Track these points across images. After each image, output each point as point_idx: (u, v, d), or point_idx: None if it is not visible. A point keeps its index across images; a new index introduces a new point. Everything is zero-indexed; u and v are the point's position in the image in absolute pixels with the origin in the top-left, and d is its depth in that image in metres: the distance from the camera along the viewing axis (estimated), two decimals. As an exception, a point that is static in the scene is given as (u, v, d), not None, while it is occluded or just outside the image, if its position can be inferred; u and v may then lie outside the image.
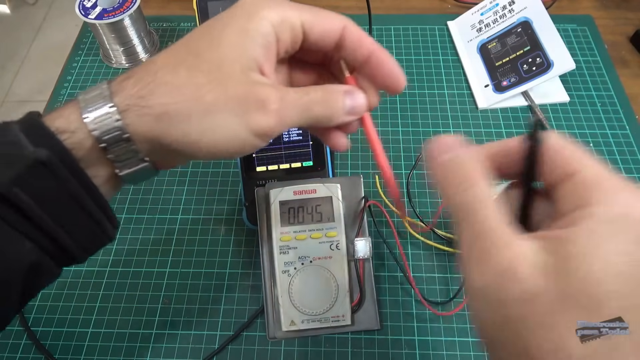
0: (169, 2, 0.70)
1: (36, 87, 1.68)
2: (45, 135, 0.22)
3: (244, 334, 0.42)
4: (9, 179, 0.21)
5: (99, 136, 0.23)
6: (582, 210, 0.19)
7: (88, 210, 0.24)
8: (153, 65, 0.24)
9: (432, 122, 0.55)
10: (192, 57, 0.24)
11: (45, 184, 0.22)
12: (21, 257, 0.22)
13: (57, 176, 0.22)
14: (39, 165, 0.21)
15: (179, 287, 0.44)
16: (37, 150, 0.21)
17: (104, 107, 0.23)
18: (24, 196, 0.21)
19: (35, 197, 0.22)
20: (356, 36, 0.26)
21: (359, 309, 0.41)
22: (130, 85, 0.24)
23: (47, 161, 0.21)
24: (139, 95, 0.23)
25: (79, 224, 0.24)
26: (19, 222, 0.22)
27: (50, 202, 0.22)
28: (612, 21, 0.65)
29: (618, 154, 0.51)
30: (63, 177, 0.22)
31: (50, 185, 0.22)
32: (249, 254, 0.46)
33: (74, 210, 0.23)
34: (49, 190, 0.22)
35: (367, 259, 0.42)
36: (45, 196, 0.22)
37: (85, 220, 0.24)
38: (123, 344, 0.41)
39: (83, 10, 0.57)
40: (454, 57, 0.61)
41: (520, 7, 0.58)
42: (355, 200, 0.44)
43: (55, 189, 0.22)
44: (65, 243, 0.24)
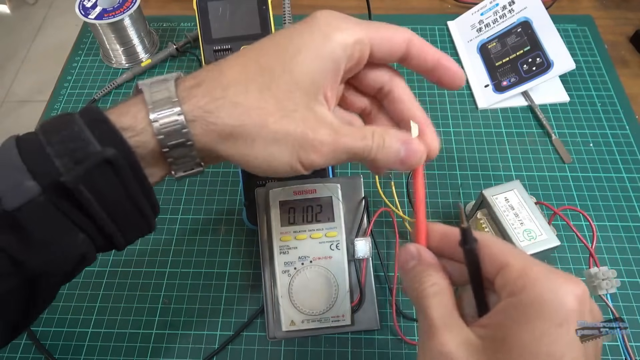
0: (169, 2, 0.70)
1: (36, 87, 1.68)
2: (111, 132, 0.23)
3: (244, 334, 0.42)
4: (76, 176, 0.22)
5: (164, 140, 0.24)
6: (511, 298, 0.22)
7: (140, 208, 0.24)
8: (223, 77, 0.25)
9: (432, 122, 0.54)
10: (264, 78, 0.24)
11: (108, 182, 0.23)
12: (75, 248, 0.23)
13: (120, 176, 0.23)
14: (105, 165, 0.22)
15: (179, 287, 0.44)
16: (106, 150, 0.22)
17: (173, 114, 0.23)
18: (87, 193, 0.22)
19: (97, 194, 0.22)
20: (421, 49, 0.27)
21: (359, 309, 0.41)
22: (199, 94, 0.24)
23: (114, 161, 0.22)
24: (208, 109, 0.24)
25: (130, 220, 0.25)
26: (77, 216, 0.23)
27: (109, 199, 0.23)
28: (612, 21, 0.65)
29: (618, 154, 0.51)
30: (126, 177, 0.23)
31: (112, 183, 0.23)
32: (249, 254, 0.46)
33: (128, 207, 0.24)
34: (110, 189, 0.23)
35: (367, 259, 0.42)
36: (105, 194, 0.23)
37: (136, 217, 0.25)
38: (123, 344, 0.41)
39: (83, 10, 0.57)
40: (454, 57, 0.61)
41: (520, 7, 0.58)
42: (355, 200, 0.44)
43: (115, 188, 0.23)
44: (114, 235, 0.24)
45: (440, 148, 0.51)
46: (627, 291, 0.43)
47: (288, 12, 0.54)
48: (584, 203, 0.48)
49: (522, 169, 0.51)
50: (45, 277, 0.24)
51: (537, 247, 0.37)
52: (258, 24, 0.56)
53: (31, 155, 0.22)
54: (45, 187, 0.22)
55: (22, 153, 0.22)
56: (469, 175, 0.50)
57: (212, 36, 0.56)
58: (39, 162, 0.22)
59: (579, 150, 0.52)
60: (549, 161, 0.51)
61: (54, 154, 0.22)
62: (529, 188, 0.49)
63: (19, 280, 0.23)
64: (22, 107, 1.64)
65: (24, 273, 0.23)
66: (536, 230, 0.38)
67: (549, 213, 0.41)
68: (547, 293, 0.21)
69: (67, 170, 0.22)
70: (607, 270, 0.35)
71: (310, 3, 0.69)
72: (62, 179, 0.21)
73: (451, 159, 0.52)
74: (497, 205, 0.39)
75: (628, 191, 0.49)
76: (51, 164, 0.22)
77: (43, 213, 0.22)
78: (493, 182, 0.50)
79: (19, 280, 0.23)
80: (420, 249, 0.26)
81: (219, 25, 0.56)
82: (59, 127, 0.23)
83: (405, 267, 0.26)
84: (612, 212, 0.47)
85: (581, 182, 0.49)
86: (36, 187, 0.22)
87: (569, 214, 0.46)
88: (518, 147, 0.52)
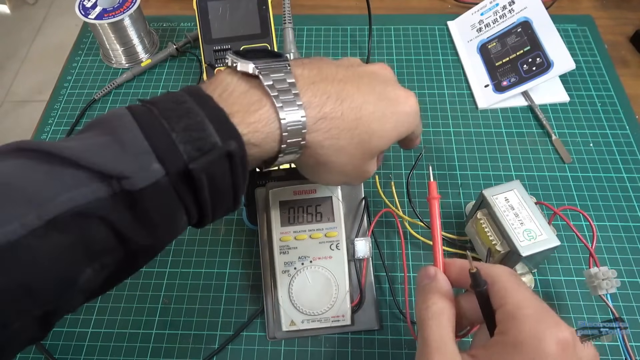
0: (169, 2, 0.70)
1: (36, 87, 1.68)
2: (229, 127, 0.25)
3: (244, 334, 0.42)
4: (202, 165, 0.23)
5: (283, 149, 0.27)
6: (498, 337, 0.25)
7: (238, 198, 0.27)
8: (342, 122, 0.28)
9: (432, 122, 0.55)
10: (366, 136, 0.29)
11: (223, 173, 0.25)
12: (178, 229, 0.26)
13: (233, 169, 0.25)
14: (225, 158, 0.24)
15: (179, 287, 0.44)
16: (229, 144, 0.24)
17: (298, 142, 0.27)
18: (205, 181, 0.24)
19: (211, 182, 0.24)
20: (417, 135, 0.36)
21: (359, 309, 0.41)
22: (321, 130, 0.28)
23: (234, 155, 0.24)
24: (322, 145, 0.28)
25: (226, 206, 0.27)
26: (189, 200, 0.25)
27: (219, 188, 0.25)
28: (612, 21, 0.65)
29: (618, 154, 0.51)
30: (237, 171, 0.25)
31: (225, 175, 0.25)
32: (249, 254, 0.46)
33: (229, 196, 0.26)
34: (222, 179, 0.25)
35: (367, 259, 0.42)
36: (218, 183, 0.25)
37: (231, 205, 0.27)
38: (123, 344, 0.41)
39: (83, 10, 0.57)
40: (454, 57, 0.61)
41: (520, 7, 0.58)
42: (355, 200, 0.44)
43: (226, 179, 0.25)
44: (207, 217, 0.26)
45: (441, 148, 0.51)
46: (627, 291, 0.43)
47: (288, 12, 0.54)
48: (584, 203, 0.48)
49: (522, 169, 0.51)
50: (149, 254, 0.26)
51: (537, 247, 0.37)
52: (258, 24, 0.56)
53: (155, 137, 0.23)
54: (170, 172, 0.23)
55: (145, 134, 0.23)
56: (469, 175, 0.50)
57: (212, 36, 0.56)
58: (163, 147, 0.23)
59: (579, 150, 0.52)
60: (549, 161, 0.51)
61: (179, 140, 0.23)
62: (529, 188, 0.49)
63: (121, 255, 0.24)
64: (22, 107, 1.64)
65: (127, 249, 0.24)
66: (536, 230, 0.38)
67: (549, 213, 0.41)
68: (529, 338, 0.23)
69: (191, 158, 0.23)
70: (607, 270, 0.35)
71: (311, 3, 0.69)
72: (190, 166, 0.23)
73: (451, 159, 0.52)
74: (497, 205, 0.39)
75: (628, 191, 0.49)
76: (176, 150, 0.23)
77: (164, 196, 0.24)
78: (493, 182, 0.50)
79: (120, 255, 0.24)
80: (438, 272, 0.29)
81: (219, 25, 0.56)
82: (180, 114, 0.24)
83: (420, 284, 0.29)
84: (612, 212, 0.47)
85: (581, 182, 0.49)
86: (161, 170, 0.23)
87: (569, 214, 0.46)
88: (518, 147, 0.52)
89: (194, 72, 0.61)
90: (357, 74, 0.30)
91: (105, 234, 0.23)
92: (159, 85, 0.59)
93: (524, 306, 0.25)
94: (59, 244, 0.22)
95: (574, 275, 0.44)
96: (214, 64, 0.56)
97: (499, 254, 0.39)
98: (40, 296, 0.22)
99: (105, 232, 0.23)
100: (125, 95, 0.59)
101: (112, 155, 0.23)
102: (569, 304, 0.42)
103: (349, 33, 0.64)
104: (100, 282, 0.25)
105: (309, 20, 0.65)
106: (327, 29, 0.64)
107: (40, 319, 0.23)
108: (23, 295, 0.22)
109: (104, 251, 0.24)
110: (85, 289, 0.24)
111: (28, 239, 0.21)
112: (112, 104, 0.58)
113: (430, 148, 0.52)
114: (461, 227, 0.46)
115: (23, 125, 1.54)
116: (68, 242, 0.22)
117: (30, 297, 0.22)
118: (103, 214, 0.23)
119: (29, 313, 0.22)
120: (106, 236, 0.23)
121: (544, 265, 0.44)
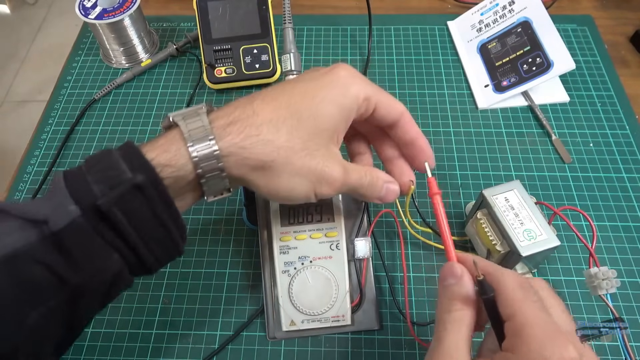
0: (169, 2, 0.70)
1: (36, 87, 1.68)
2: (142, 162, 0.26)
3: (244, 334, 0.42)
4: (109, 199, 0.25)
5: (201, 173, 0.27)
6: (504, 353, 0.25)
7: (168, 229, 0.27)
8: (257, 117, 0.28)
9: (432, 122, 0.55)
10: (293, 121, 0.29)
11: (138, 205, 0.26)
12: (109, 267, 0.26)
13: (148, 199, 0.26)
14: (135, 190, 0.25)
15: (179, 287, 0.44)
16: (136, 176, 0.25)
17: (210, 149, 0.27)
18: (120, 215, 0.25)
19: (128, 216, 0.25)
20: (409, 123, 0.33)
21: (358, 309, 0.41)
22: (234, 132, 0.28)
23: (143, 186, 0.25)
24: (242, 145, 0.27)
25: (158, 240, 0.27)
26: (111, 237, 0.26)
27: (139, 220, 0.26)
28: (612, 21, 0.65)
29: (618, 154, 0.51)
30: (153, 201, 0.26)
31: (141, 206, 0.26)
32: (249, 254, 0.46)
33: (156, 228, 0.27)
34: (140, 211, 0.26)
35: (367, 259, 0.42)
36: (136, 215, 0.26)
37: (163, 237, 0.27)
38: (123, 344, 0.41)
39: (83, 10, 0.57)
40: (454, 57, 0.61)
41: (520, 7, 0.58)
42: (355, 200, 0.44)
43: (145, 210, 0.26)
44: (145, 256, 0.27)
45: (441, 148, 0.51)
46: (627, 291, 0.43)
47: (288, 12, 0.54)
48: (584, 203, 0.48)
49: (522, 169, 0.51)
50: (86, 295, 0.26)
51: (537, 247, 0.37)
52: (258, 24, 0.56)
53: (74, 183, 0.25)
54: (85, 210, 0.25)
55: (67, 182, 0.25)
56: (469, 175, 0.50)
57: (212, 36, 0.56)
58: (80, 189, 0.25)
59: (579, 150, 0.52)
60: (549, 161, 0.51)
61: (93, 181, 0.25)
62: (529, 188, 0.49)
63: (64, 297, 0.25)
64: (22, 107, 1.64)
65: (67, 291, 0.25)
66: (536, 230, 0.38)
67: (549, 213, 0.41)
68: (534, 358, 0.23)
69: (103, 195, 0.25)
70: (607, 270, 0.35)
71: (310, 3, 0.69)
72: (98, 202, 0.24)
73: (451, 159, 0.52)
74: (497, 205, 0.39)
75: (628, 191, 0.49)
76: (90, 190, 0.25)
77: (82, 233, 0.25)
78: (493, 182, 0.50)
79: (64, 297, 0.25)
80: (465, 274, 0.28)
81: (219, 25, 0.56)
82: (99, 159, 0.26)
83: (443, 282, 0.28)
84: (612, 212, 0.47)
85: (581, 182, 0.49)
86: (77, 210, 0.25)
87: (569, 214, 0.46)
88: (518, 147, 0.52)
89: (194, 72, 0.61)
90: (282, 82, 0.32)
91: (44, 276, 0.25)
92: (159, 85, 0.59)
93: (531, 324, 0.24)
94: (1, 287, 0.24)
95: (574, 275, 0.44)
96: (214, 64, 0.56)
97: (499, 254, 0.39)
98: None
99: (43, 274, 0.25)
100: (125, 95, 0.59)
101: (39, 204, 0.26)
102: (569, 304, 0.42)
103: (349, 33, 0.64)
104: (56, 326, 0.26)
105: (309, 20, 0.65)
106: (327, 29, 0.64)
107: None
108: None
109: (46, 293, 0.25)
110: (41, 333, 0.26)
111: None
112: (112, 103, 0.58)
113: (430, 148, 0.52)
114: (461, 227, 0.46)
115: (23, 125, 1.54)
116: (5, 285, 0.24)
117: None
118: (37, 256, 0.25)
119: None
120: (46, 278, 0.25)
121: (544, 265, 0.44)
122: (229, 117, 0.28)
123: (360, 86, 0.31)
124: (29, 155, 0.54)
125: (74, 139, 0.55)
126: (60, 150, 0.54)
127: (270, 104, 0.29)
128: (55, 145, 0.54)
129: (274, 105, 0.29)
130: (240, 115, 0.28)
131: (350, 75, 0.31)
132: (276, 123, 0.28)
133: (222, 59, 0.56)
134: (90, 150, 0.54)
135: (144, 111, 0.57)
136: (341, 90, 0.30)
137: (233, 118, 0.28)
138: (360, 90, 0.30)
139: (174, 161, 0.27)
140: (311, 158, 0.29)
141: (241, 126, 0.28)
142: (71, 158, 0.54)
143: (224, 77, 0.56)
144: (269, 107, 0.29)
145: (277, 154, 0.28)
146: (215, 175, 0.28)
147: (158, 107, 0.57)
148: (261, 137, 0.28)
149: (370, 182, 0.32)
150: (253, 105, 0.29)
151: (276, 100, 0.29)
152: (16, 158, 0.55)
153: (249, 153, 0.28)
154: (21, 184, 0.52)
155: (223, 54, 0.56)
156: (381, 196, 0.33)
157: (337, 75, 0.30)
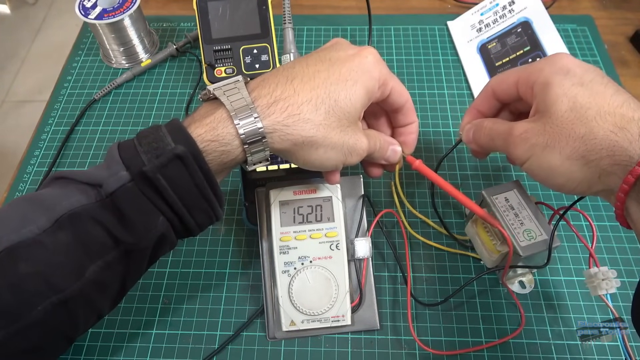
0: (169, 2, 0.70)
1: (36, 87, 1.68)
2: (185, 136, 0.29)
3: (244, 334, 0.42)
4: (154, 167, 0.28)
5: (248, 149, 0.31)
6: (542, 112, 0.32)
7: (207, 197, 0.31)
8: (297, 97, 0.31)
9: (432, 122, 0.55)
10: (331, 101, 0.32)
11: (179, 173, 0.29)
12: (157, 227, 0.30)
13: (188, 168, 0.29)
14: (176, 159, 0.29)
15: (179, 287, 0.44)
16: (177, 148, 0.29)
17: (254, 126, 0.30)
18: (163, 181, 0.29)
19: (170, 182, 0.29)
20: (410, 109, 0.39)
21: (358, 309, 0.41)
22: (277, 111, 0.31)
23: (183, 156, 0.28)
24: (285, 123, 0.31)
25: (198, 207, 0.31)
26: (158, 201, 0.29)
27: (181, 186, 0.29)
28: (612, 21, 0.65)
29: (618, 154, 0.51)
30: (192, 169, 0.29)
31: (182, 174, 0.29)
32: (249, 254, 0.46)
33: (195, 194, 0.30)
34: (181, 178, 0.29)
35: (367, 259, 0.42)
36: (177, 182, 0.29)
37: (203, 205, 0.31)
38: (123, 344, 0.41)
39: (83, 10, 0.57)
40: (454, 57, 0.61)
41: (520, 7, 0.58)
42: (355, 200, 0.44)
43: (185, 178, 0.29)
44: (187, 220, 0.31)
45: (441, 148, 0.51)
46: (627, 291, 0.43)
47: (288, 12, 0.54)
48: (584, 203, 0.48)
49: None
50: (135, 253, 0.30)
51: (537, 247, 0.37)
52: (258, 24, 0.56)
53: (126, 152, 0.29)
54: (134, 175, 0.29)
55: (120, 151, 0.30)
56: (469, 175, 0.50)
57: (212, 36, 0.56)
58: (130, 157, 0.29)
59: (579, 150, 0.52)
60: (549, 161, 0.51)
61: (142, 151, 0.29)
62: (529, 188, 0.49)
63: (117, 254, 0.29)
64: (22, 107, 1.64)
65: (121, 249, 0.29)
66: (536, 230, 0.38)
67: (549, 213, 0.41)
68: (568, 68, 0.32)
69: (149, 162, 0.28)
70: (607, 270, 0.35)
71: (310, 3, 0.69)
72: (144, 169, 0.28)
73: (451, 159, 0.52)
74: (497, 205, 0.39)
75: (628, 191, 0.49)
76: (139, 159, 0.29)
77: (132, 195, 0.29)
78: (493, 182, 0.50)
79: (117, 254, 0.29)
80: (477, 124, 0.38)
81: (219, 25, 0.56)
82: (148, 133, 0.30)
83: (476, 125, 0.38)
84: (612, 212, 0.47)
85: (581, 182, 0.49)
86: (127, 175, 0.29)
87: (569, 214, 0.46)
88: (518, 147, 0.52)
89: (194, 72, 0.61)
90: (307, 55, 0.35)
91: (100, 233, 0.29)
92: (159, 85, 0.59)
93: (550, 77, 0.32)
94: (64, 241, 0.28)
95: (574, 275, 0.44)
96: (214, 64, 0.56)
97: (499, 254, 0.39)
98: (53, 283, 0.28)
99: (99, 231, 0.29)
100: (125, 95, 0.59)
101: (97, 171, 0.30)
102: (569, 304, 0.42)
103: (349, 33, 0.64)
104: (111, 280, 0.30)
105: (309, 20, 0.65)
106: (327, 29, 0.64)
107: (58, 307, 0.28)
108: (41, 282, 0.27)
109: (103, 249, 0.29)
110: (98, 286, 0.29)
111: (41, 237, 0.28)
112: (112, 104, 0.58)
113: (430, 148, 0.52)
114: (461, 227, 0.46)
115: (23, 125, 1.54)
116: (70, 239, 0.28)
117: (46, 284, 0.28)
118: (93, 215, 0.29)
119: (47, 298, 0.28)
120: (102, 235, 0.29)
121: (544, 265, 0.44)
122: (271, 96, 0.31)
123: (383, 72, 0.35)
124: (29, 155, 0.54)
125: (74, 139, 0.55)
126: (60, 150, 0.54)
127: (309, 84, 0.32)
128: (55, 145, 0.54)
129: (311, 85, 0.32)
130: (281, 95, 0.31)
131: (377, 60, 0.34)
132: (315, 102, 0.31)
133: (222, 59, 0.56)
134: (90, 150, 0.54)
135: (144, 111, 0.57)
136: (369, 74, 0.33)
137: (275, 97, 0.31)
138: (383, 76, 0.34)
139: (221, 137, 0.30)
140: (344, 134, 0.33)
141: (283, 105, 0.31)
142: (71, 158, 0.54)
143: (224, 77, 0.56)
144: (307, 86, 0.32)
145: (317, 131, 0.31)
146: (259, 150, 0.31)
147: (158, 107, 0.57)
148: (302, 115, 0.31)
149: (381, 146, 0.37)
150: (293, 84, 0.32)
151: (313, 80, 0.32)
152: (16, 158, 0.55)
153: (292, 130, 0.31)
154: (21, 184, 0.52)
155: (223, 54, 0.56)
156: (387, 156, 0.38)
157: (366, 59, 0.34)
